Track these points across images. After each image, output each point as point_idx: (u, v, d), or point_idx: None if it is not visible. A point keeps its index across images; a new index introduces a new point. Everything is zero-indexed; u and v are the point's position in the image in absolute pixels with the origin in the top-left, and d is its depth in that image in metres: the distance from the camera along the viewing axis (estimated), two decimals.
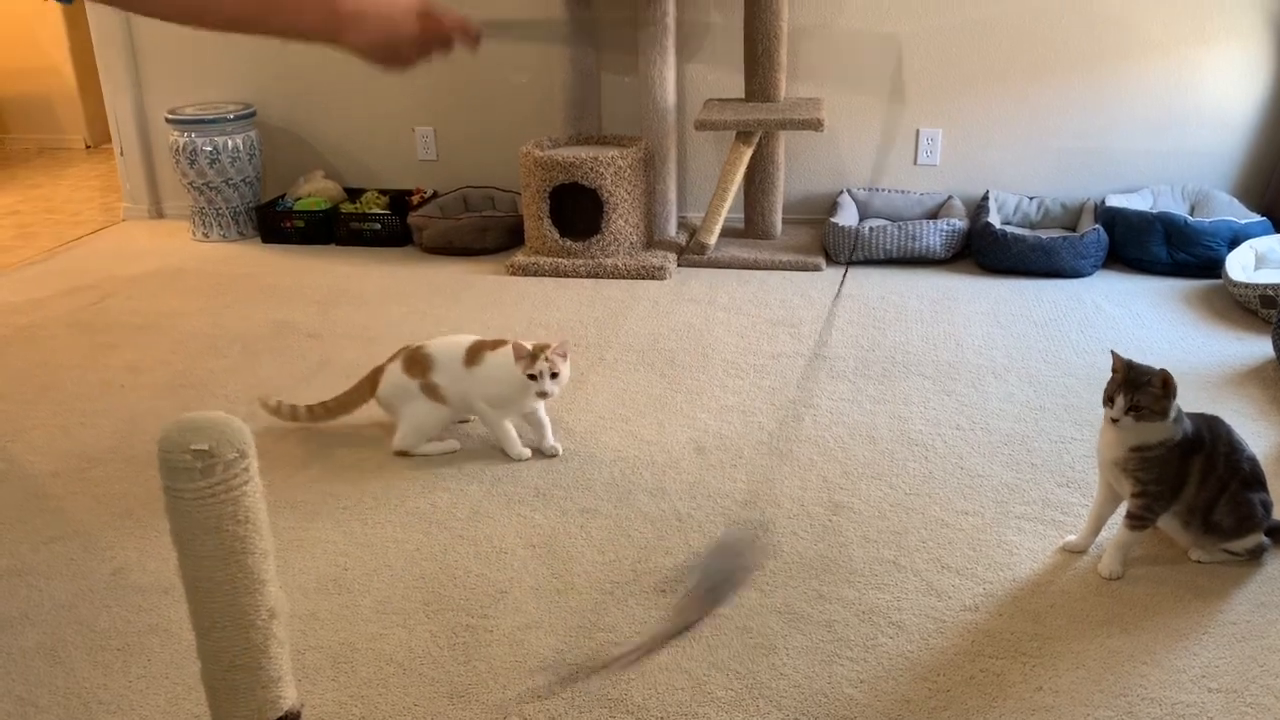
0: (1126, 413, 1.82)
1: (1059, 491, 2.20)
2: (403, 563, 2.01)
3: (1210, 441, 1.87)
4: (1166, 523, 1.93)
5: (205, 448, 1.10)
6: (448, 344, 2.42)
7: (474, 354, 2.38)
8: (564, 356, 2.30)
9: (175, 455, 1.10)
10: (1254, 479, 1.89)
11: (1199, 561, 1.94)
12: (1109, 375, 1.88)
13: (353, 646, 1.79)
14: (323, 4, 1.15)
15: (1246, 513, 1.88)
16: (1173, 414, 1.83)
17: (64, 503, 2.27)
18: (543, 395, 2.30)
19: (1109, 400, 1.86)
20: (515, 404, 2.37)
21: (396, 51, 1.19)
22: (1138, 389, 1.81)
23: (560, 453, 2.41)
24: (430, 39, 1.21)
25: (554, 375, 2.28)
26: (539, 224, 3.64)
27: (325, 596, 1.92)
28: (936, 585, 1.91)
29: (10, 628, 1.86)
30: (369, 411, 2.50)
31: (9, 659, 1.78)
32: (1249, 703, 1.61)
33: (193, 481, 1.10)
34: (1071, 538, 2.01)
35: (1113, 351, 1.90)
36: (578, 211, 3.64)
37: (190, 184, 4.11)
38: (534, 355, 2.27)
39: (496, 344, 2.38)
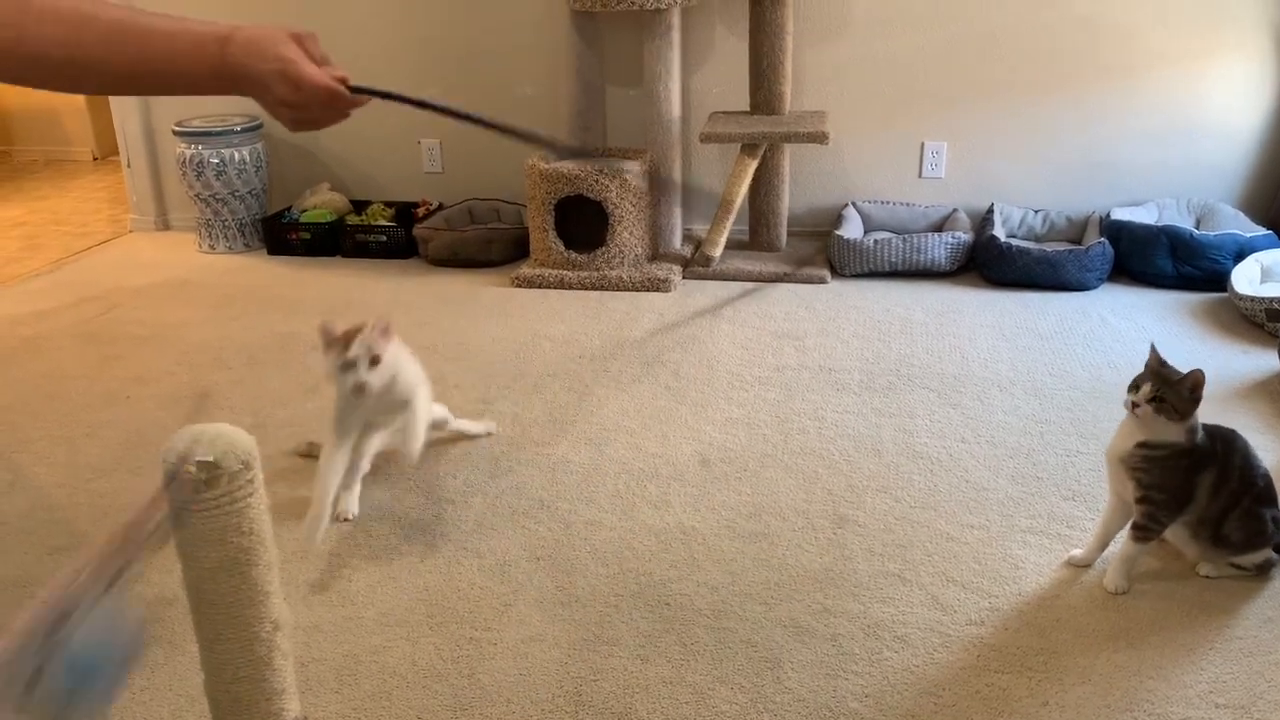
0: (1149, 401, 1.81)
1: (1064, 505, 2.19)
2: (406, 575, 2.01)
3: (1224, 455, 1.86)
4: (1175, 533, 1.93)
5: (210, 459, 1.10)
6: None
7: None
8: (386, 335, 1.87)
9: (180, 467, 1.10)
10: (1267, 495, 1.89)
11: (1206, 576, 1.93)
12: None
13: (356, 659, 1.78)
14: (207, 69, 1.03)
15: (1258, 528, 1.87)
16: (1189, 421, 1.83)
17: (69, 513, 2.27)
18: (360, 390, 1.85)
19: (1135, 386, 1.85)
20: (365, 416, 1.97)
21: (272, 105, 1.07)
22: (1167, 384, 1.81)
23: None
24: (304, 104, 1.09)
25: (374, 361, 1.85)
26: (544, 236, 3.65)
27: (329, 608, 1.92)
28: (942, 599, 1.90)
29: None
30: None
31: None
32: (1256, 718, 1.60)
33: (197, 493, 1.10)
34: (1077, 552, 2.00)
35: (1153, 344, 1.91)
36: (583, 224, 3.65)
37: (197, 196, 4.12)
38: (346, 339, 1.87)
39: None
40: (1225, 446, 1.87)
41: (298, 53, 1.08)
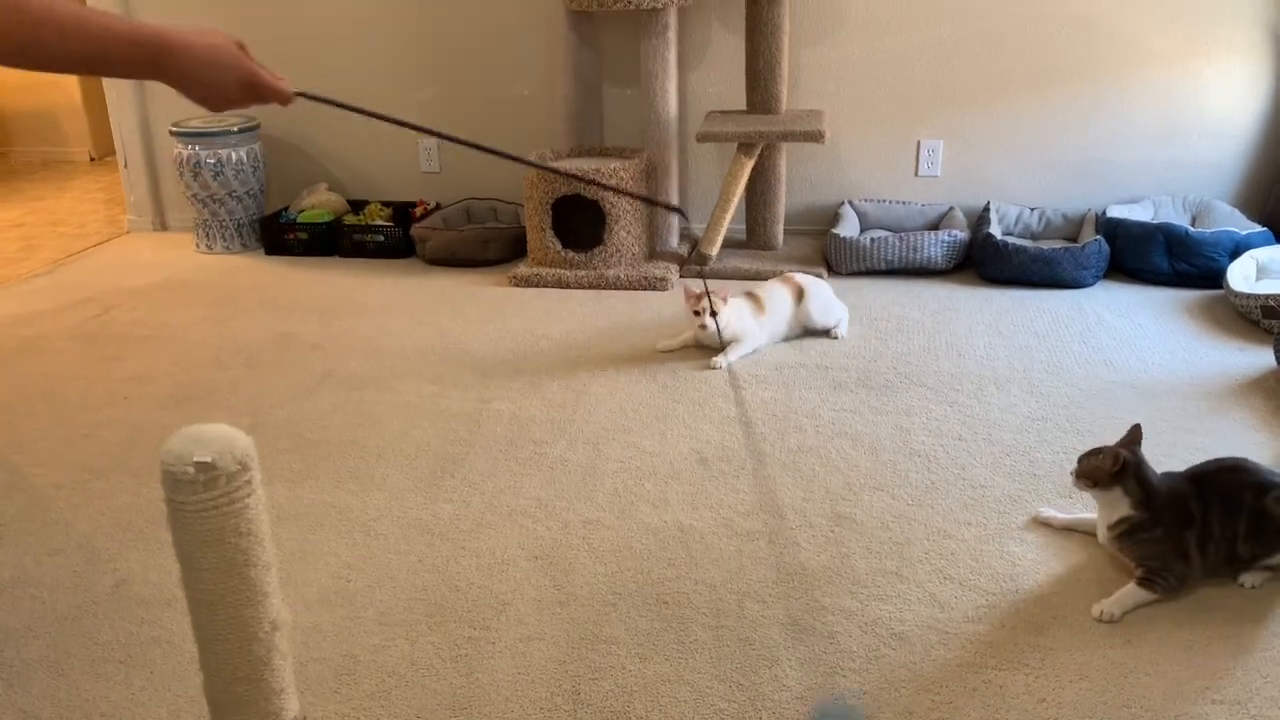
0: (1072, 471, 1.95)
1: (1061, 502, 2.20)
2: (405, 574, 2.02)
3: (1201, 508, 1.86)
4: (1199, 581, 1.92)
5: (208, 460, 1.10)
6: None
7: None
8: (723, 300, 2.89)
9: (178, 467, 1.10)
10: (1256, 504, 1.86)
11: (1252, 587, 1.89)
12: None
13: (355, 658, 1.79)
14: (148, 57, 1.22)
15: (1269, 536, 1.85)
16: (1127, 491, 1.88)
17: (67, 515, 2.27)
18: (703, 328, 2.93)
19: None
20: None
21: (214, 100, 1.29)
22: (1090, 455, 1.92)
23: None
24: (248, 99, 1.31)
25: (713, 314, 2.86)
26: (541, 236, 3.65)
27: (328, 609, 1.92)
28: (939, 596, 1.91)
29: (13, 639, 1.86)
30: (376, 427, 2.50)
31: (12, 671, 1.78)
32: (1253, 715, 1.60)
33: (195, 494, 1.11)
34: (1049, 511, 2.06)
35: (1138, 425, 1.94)
36: (580, 223, 3.65)
37: (194, 196, 4.12)
38: (697, 297, 2.90)
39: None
40: (1197, 496, 1.87)
41: (250, 61, 1.29)
